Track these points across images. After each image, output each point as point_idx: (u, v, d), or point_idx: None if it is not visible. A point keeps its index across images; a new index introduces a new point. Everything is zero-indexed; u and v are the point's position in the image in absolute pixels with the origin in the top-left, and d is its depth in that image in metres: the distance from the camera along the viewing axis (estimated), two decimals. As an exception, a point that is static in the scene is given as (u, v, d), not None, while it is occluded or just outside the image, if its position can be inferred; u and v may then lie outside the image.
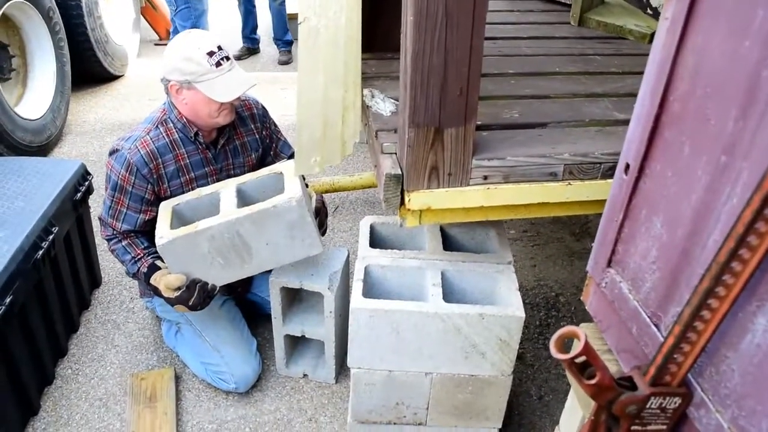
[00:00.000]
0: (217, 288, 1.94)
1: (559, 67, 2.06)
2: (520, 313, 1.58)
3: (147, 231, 2.01)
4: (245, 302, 2.36)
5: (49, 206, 2.14)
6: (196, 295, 1.88)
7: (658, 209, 1.07)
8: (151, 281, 1.94)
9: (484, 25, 1.28)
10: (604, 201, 1.50)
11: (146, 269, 1.95)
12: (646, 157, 1.08)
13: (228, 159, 2.09)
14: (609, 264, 1.22)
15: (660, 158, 1.05)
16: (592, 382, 0.94)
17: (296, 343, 2.23)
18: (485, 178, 1.46)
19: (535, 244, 3.09)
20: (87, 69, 4.38)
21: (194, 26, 3.60)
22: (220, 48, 1.86)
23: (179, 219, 1.91)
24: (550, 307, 2.67)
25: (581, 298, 1.38)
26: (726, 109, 0.89)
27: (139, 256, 1.98)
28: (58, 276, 2.20)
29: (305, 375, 2.20)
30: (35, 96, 3.67)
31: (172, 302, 1.91)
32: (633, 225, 1.14)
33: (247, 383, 2.08)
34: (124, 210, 1.97)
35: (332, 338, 2.05)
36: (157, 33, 5.67)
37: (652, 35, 2.38)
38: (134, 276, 2.03)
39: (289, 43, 5.37)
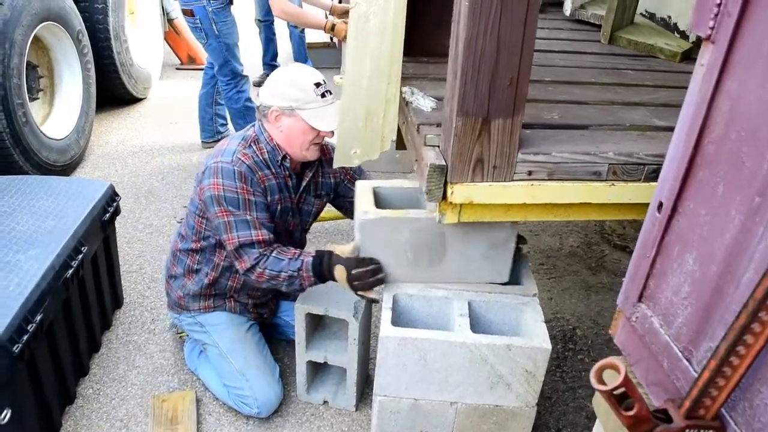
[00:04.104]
0: (383, 282, 1.79)
1: (594, 78, 2.10)
2: (547, 345, 1.60)
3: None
4: (266, 326, 2.38)
5: (79, 226, 2.18)
6: (368, 270, 1.74)
7: (691, 247, 1.10)
8: (327, 247, 1.85)
9: (537, 15, 1.30)
10: (644, 205, 1.52)
11: (310, 258, 1.86)
12: (679, 196, 1.12)
13: (306, 193, 2.15)
14: (640, 299, 1.25)
15: (694, 198, 1.09)
16: (631, 413, 0.96)
17: (317, 370, 2.25)
18: (529, 173, 1.47)
19: (551, 277, 3.11)
20: (111, 91, 4.49)
21: (225, 60, 3.68)
22: (324, 82, 1.95)
23: (377, 202, 1.84)
24: (567, 340, 2.68)
25: (609, 331, 1.40)
26: (760, 153, 0.93)
27: (297, 254, 1.90)
28: (84, 295, 2.24)
29: (325, 401, 2.21)
30: (61, 116, 3.77)
31: (341, 261, 1.77)
32: (665, 261, 1.17)
33: (269, 408, 2.09)
34: (257, 222, 1.91)
35: (355, 365, 2.07)
36: (179, 57, 5.80)
37: (683, 54, 2.43)
38: (297, 273, 1.85)
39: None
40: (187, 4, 3.56)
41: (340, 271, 1.78)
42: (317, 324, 2.20)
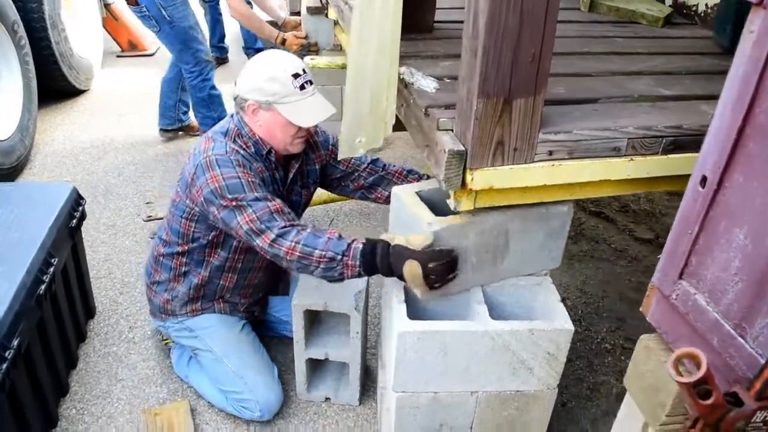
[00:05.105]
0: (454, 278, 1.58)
1: (586, 48, 2.05)
2: (569, 326, 1.56)
3: None
4: (256, 324, 2.26)
5: (46, 236, 2.00)
6: (445, 264, 1.52)
7: (741, 221, 1.06)
8: (384, 237, 1.62)
9: None
10: (661, 178, 1.52)
11: (360, 244, 1.62)
12: (726, 169, 1.07)
13: (293, 183, 2.01)
14: (681, 276, 1.21)
15: (743, 170, 1.04)
16: (709, 402, 0.92)
17: (315, 366, 2.16)
18: (550, 153, 1.41)
19: (534, 249, 3.09)
20: (51, 84, 4.19)
21: (184, 45, 3.44)
22: (304, 71, 1.77)
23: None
24: (559, 312, 2.67)
25: (641, 309, 1.37)
26: (822, 121, 0.89)
27: (339, 235, 1.67)
28: (58, 310, 2.07)
29: (327, 398, 2.13)
30: (1, 115, 3.46)
31: (415, 255, 1.53)
32: (710, 237, 1.13)
33: (271, 411, 2.00)
34: (268, 196, 1.72)
35: (358, 359, 1.99)
36: (119, 44, 5.47)
37: (666, 18, 2.41)
38: (340, 258, 1.61)
39: (260, 51, 5.26)
40: None
41: (412, 266, 1.52)
42: (313, 320, 2.11)
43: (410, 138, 1.89)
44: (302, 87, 1.75)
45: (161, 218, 3.01)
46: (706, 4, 2.51)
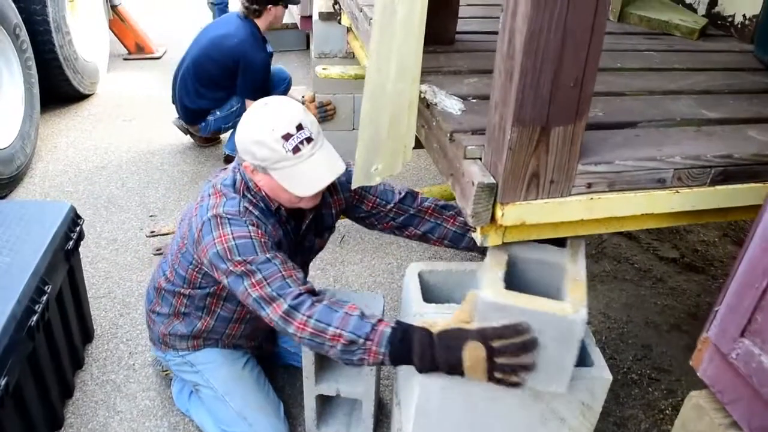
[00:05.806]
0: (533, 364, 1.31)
1: (619, 63, 1.91)
2: (608, 374, 1.41)
3: None
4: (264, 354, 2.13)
5: (40, 261, 1.88)
6: (516, 342, 1.26)
7: (822, 280, 0.92)
8: (420, 323, 1.40)
9: (607, 2, 1.10)
10: (707, 211, 1.39)
11: (389, 328, 1.40)
12: (805, 219, 0.94)
13: (309, 231, 1.82)
14: (742, 334, 1.07)
15: (828, 222, 0.91)
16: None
17: (325, 401, 2.02)
18: (589, 186, 1.28)
19: (555, 269, 2.95)
20: (55, 89, 4.08)
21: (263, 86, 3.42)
22: (299, 127, 1.51)
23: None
24: (582, 339, 2.52)
25: (691, 363, 1.22)
26: None
27: (360, 312, 1.45)
28: (51, 339, 1.94)
29: (338, 435, 2.00)
30: (2, 122, 3.34)
31: (473, 335, 1.28)
32: (782, 294, 0.99)
33: (277, 453, 1.87)
34: (281, 257, 1.55)
35: (372, 396, 1.86)
36: (126, 47, 5.35)
37: (701, 30, 2.26)
38: (363, 342, 1.40)
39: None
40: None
41: (475, 351, 1.27)
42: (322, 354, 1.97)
43: (421, 151, 1.76)
44: (296, 149, 1.51)
45: (165, 234, 2.88)
46: (744, 15, 2.36)
